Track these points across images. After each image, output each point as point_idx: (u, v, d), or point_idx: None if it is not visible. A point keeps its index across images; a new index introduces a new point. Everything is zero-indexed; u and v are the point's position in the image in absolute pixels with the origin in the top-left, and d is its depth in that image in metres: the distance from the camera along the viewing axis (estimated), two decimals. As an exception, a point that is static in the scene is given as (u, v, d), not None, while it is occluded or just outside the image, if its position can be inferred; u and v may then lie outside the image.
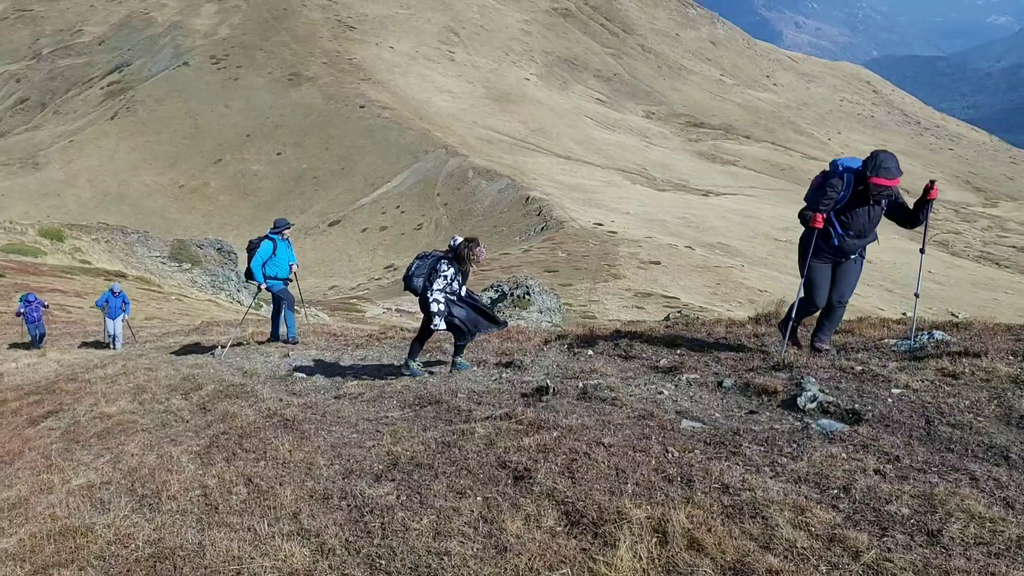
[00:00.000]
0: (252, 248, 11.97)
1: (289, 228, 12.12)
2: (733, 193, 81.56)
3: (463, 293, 8.29)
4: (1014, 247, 76.59)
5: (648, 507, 3.86)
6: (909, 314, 9.31)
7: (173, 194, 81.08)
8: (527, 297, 20.51)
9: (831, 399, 5.22)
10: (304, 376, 9.12)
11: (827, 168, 6.56)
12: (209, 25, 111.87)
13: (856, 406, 5.07)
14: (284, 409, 7.26)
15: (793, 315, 6.78)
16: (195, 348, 13.35)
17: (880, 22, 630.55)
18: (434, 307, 7.85)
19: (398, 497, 4.57)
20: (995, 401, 4.88)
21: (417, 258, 8.19)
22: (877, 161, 5.91)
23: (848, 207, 6.21)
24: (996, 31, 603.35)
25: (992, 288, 50.80)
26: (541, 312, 19.81)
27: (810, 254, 6.47)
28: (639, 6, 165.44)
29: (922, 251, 7.14)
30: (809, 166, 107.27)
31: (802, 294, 6.69)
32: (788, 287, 38.97)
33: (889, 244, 65.10)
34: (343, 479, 5.06)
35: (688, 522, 3.66)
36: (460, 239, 8.25)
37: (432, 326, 7.96)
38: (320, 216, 71.94)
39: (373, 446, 5.57)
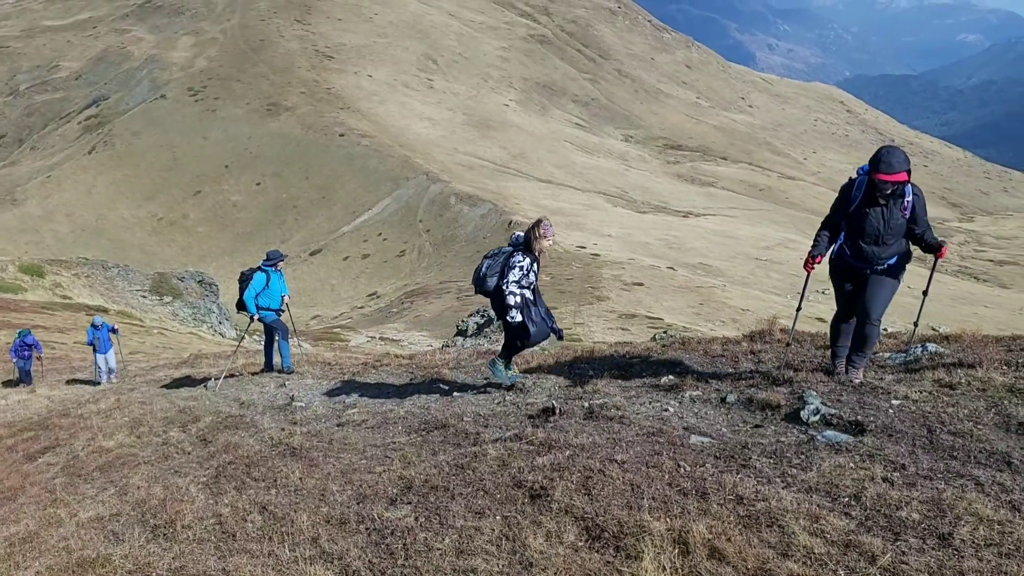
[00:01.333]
0: (244, 280, 12.00)
1: (282, 260, 12.17)
2: (712, 214, 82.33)
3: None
4: (991, 261, 77.73)
5: (667, 520, 3.95)
6: (892, 329, 9.61)
7: (152, 227, 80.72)
8: (515, 321, 20.57)
9: (834, 411, 5.35)
10: (303, 405, 9.14)
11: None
12: (186, 57, 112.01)
13: (859, 417, 5.21)
14: (288, 438, 7.29)
15: (830, 337, 6.66)
16: (186, 381, 13.32)
17: (851, 42, 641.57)
18: (511, 299, 7.36)
19: (416, 519, 4.63)
20: (993, 410, 5.03)
21: (486, 257, 7.71)
22: (878, 156, 5.73)
23: (859, 209, 5.94)
24: (966, 49, 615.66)
25: (972, 302, 51.49)
26: (530, 336, 19.86)
27: (831, 268, 6.31)
28: (614, 31, 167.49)
29: (925, 293, 6.99)
30: (786, 186, 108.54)
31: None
32: (770, 305, 39.31)
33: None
34: (358, 504, 5.11)
35: (708, 533, 3.76)
36: (522, 233, 7.77)
37: (508, 318, 7.41)
38: (301, 245, 71.80)
39: (384, 471, 5.63)
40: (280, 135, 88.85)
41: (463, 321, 21.84)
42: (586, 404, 6.40)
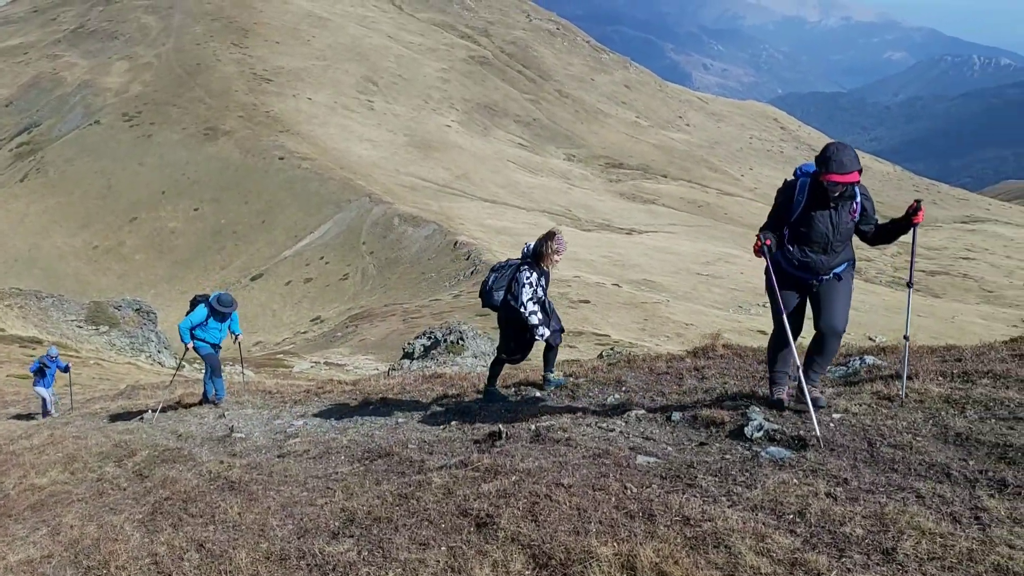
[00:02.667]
0: (193, 303, 11.82)
1: (231, 309, 11.71)
2: (654, 231, 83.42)
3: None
4: (923, 271, 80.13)
5: (614, 544, 3.91)
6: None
7: (87, 256, 78.55)
8: (461, 342, 20.47)
9: (776, 427, 5.39)
10: (243, 436, 8.92)
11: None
12: (120, 83, 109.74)
13: (801, 432, 5.24)
14: (227, 471, 7.09)
15: (770, 356, 5.89)
16: (123, 413, 12.93)
17: (783, 61, 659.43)
18: (533, 319, 7.38)
19: (359, 553, 4.51)
20: (931, 421, 5.11)
21: (492, 271, 7.69)
22: (827, 155, 5.11)
23: (804, 214, 5.34)
24: (892, 67, 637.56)
25: (905, 312, 52.93)
26: (476, 357, 19.76)
27: (774, 281, 5.55)
28: (554, 53, 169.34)
29: (909, 285, 6.14)
30: (724, 202, 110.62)
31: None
32: (713, 319, 39.91)
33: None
34: (299, 538, 4.96)
35: (655, 556, 3.72)
36: (533, 242, 7.75)
37: (538, 336, 7.46)
38: (241, 271, 70.58)
39: (326, 503, 5.48)
40: (218, 159, 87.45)
41: (409, 344, 21.61)
42: (532, 427, 6.34)
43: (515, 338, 7.74)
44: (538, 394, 7.92)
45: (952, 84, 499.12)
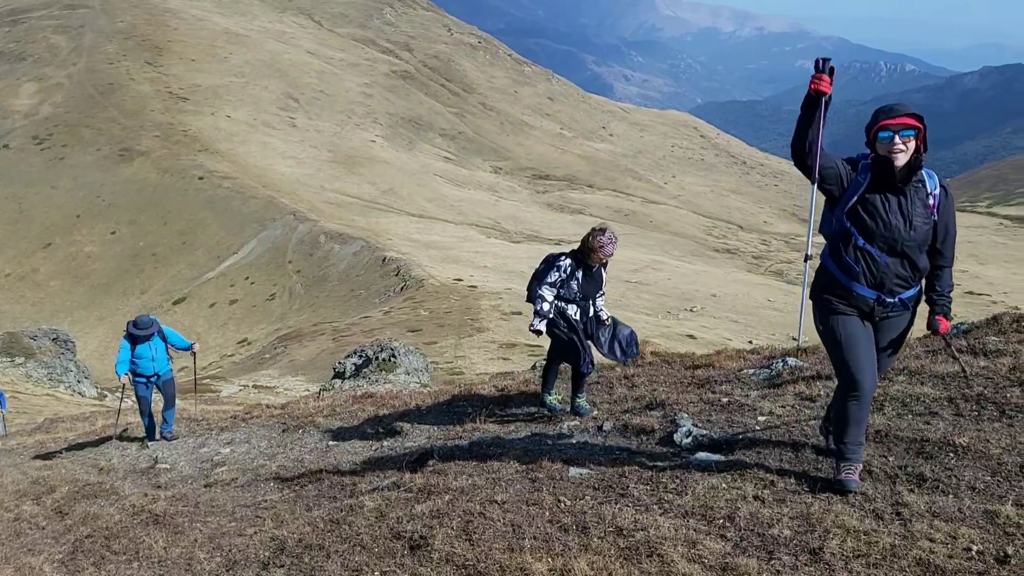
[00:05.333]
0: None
1: (148, 329, 10.52)
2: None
3: (593, 309, 6.65)
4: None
5: (548, 559, 3.89)
6: (756, 343, 9.98)
7: (-2, 284, 75.31)
8: (393, 360, 20.25)
9: (705, 432, 5.47)
10: (168, 467, 8.66)
11: None
12: (30, 105, 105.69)
13: (728, 436, 5.34)
14: (151, 504, 6.85)
15: (837, 423, 4.44)
16: (40, 448, 12.40)
17: (700, 71, 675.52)
18: (536, 303, 6.40)
19: (290, 583, 4.40)
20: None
21: (543, 261, 6.72)
22: (877, 110, 4.25)
23: (865, 199, 4.15)
24: (805, 74, 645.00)
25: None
26: (408, 373, 19.59)
27: (828, 304, 4.29)
28: (476, 66, 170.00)
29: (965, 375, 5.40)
30: (649, 210, 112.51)
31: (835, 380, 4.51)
32: (643, 326, 40.40)
33: (731, 277, 68.84)
34: (227, 571, 4.82)
35: (589, 569, 3.72)
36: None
37: (531, 325, 6.48)
38: (163, 295, 68.58)
39: (255, 533, 5.34)
40: (135, 181, 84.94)
41: (340, 363, 21.27)
42: (465, 443, 6.31)
43: (554, 340, 6.71)
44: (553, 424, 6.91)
45: (861, 90, 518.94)
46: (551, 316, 6.49)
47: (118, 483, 8.30)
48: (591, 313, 6.68)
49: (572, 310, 6.55)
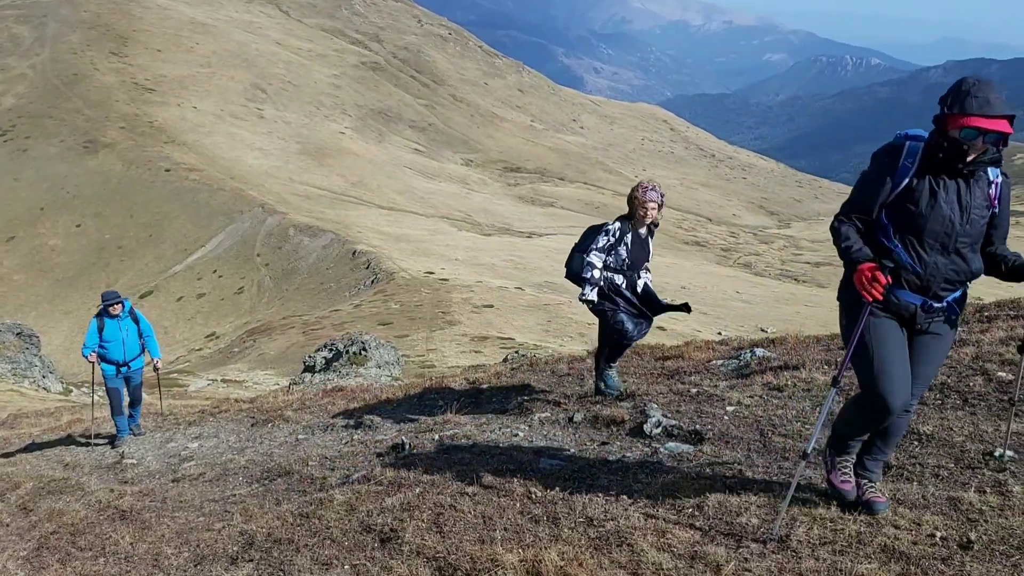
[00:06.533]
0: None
1: (116, 303, 9.87)
2: (554, 233, 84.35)
3: (639, 279, 6.22)
4: (808, 263, 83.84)
5: (519, 550, 3.90)
6: (725, 334, 10.09)
7: (-42, 278, 73.73)
8: (364, 353, 20.15)
9: (674, 422, 5.51)
10: (135, 462, 8.56)
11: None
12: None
13: (697, 427, 5.38)
14: (118, 500, 6.76)
15: (843, 430, 3.96)
16: (4, 445, 12.19)
17: (670, 64, 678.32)
18: (586, 271, 5.97)
19: (259, 578, 4.36)
20: (818, 408, 5.33)
21: (584, 233, 6.33)
22: (964, 89, 3.44)
23: (913, 189, 3.55)
24: (772, 68, 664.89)
25: (794, 303, 55.24)
26: (380, 367, 19.52)
27: (867, 319, 3.60)
28: (447, 58, 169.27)
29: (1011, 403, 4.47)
30: (620, 202, 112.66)
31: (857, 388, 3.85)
32: (614, 318, 40.58)
33: (700, 269, 69.34)
34: (195, 566, 4.77)
35: (560, 559, 3.73)
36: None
37: (581, 296, 6.04)
38: (129, 288, 67.57)
39: (223, 527, 5.29)
40: (100, 173, 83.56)
41: (310, 356, 21.13)
42: (436, 436, 6.30)
43: (601, 319, 6.30)
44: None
45: (828, 83, 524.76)
46: (601, 284, 6.06)
47: (84, 479, 8.19)
48: (639, 289, 6.26)
49: (619, 280, 6.13)
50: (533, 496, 4.60)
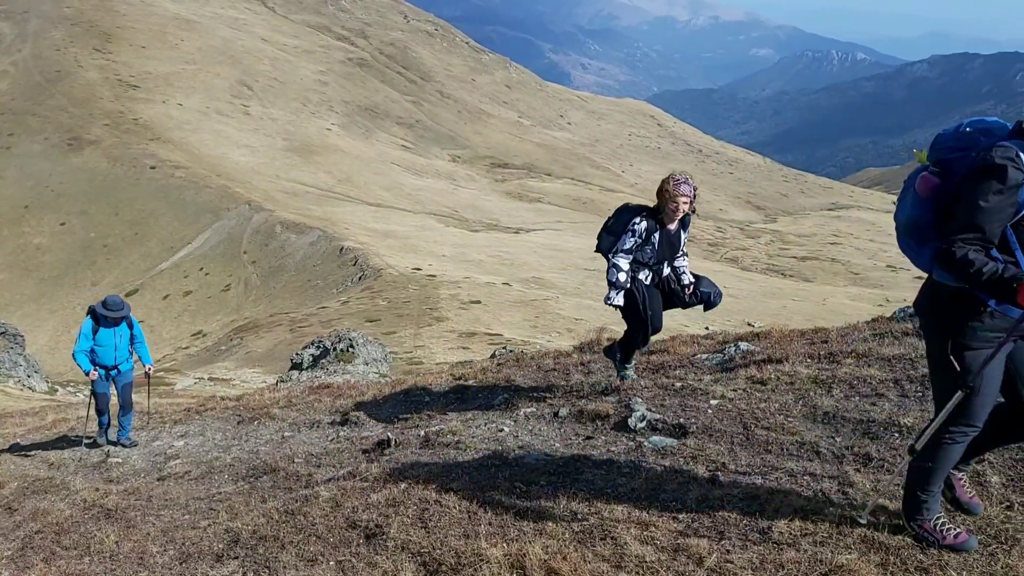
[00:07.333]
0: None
1: (120, 313, 9.34)
2: (541, 229, 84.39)
3: (666, 272, 6.17)
4: (795, 257, 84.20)
5: (504, 545, 3.92)
6: (711, 329, 10.18)
7: (-59, 277, 73.12)
8: (351, 350, 20.13)
9: (658, 416, 5.54)
10: (120, 461, 8.52)
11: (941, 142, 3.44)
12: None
13: (681, 420, 5.41)
14: (103, 499, 6.74)
15: (941, 452, 3.52)
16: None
17: (657, 60, 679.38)
18: (611, 273, 5.94)
19: (244, 574, 4.37)
20: (801, 402, 5.36)
21: (616, 211, 6.22)
22: None
23: None
24: (759, 63, 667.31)
25: (781, 297, 55.49)
26: (367, 364, 19.50)
27: (974, 334, 3.33)
28: (433, 54, 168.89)
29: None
30: (607, 198, 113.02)
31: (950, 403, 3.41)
32: (601, 314, 40.67)
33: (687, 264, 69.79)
34: (181, 564, 4.77)
35: (544, 553, 3.75)
36: None
37: (608, 300, 6.02)
38: (115, 287, 67.14)
39: (209, 525, 5.29)
40: (84, 170, 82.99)
41: (297, 354, 21.08)
42: (422, 432, 6.30)
43: (627, 313, 6.20)
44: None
45: (814, 78, 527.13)
46: (628, 287, 6.00)
47: (69, 478, 8.16)
48: (664, 275, 6.19)
49: (644, 274, 6.06)
50: (518, 491, 4.62)
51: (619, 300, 5.99)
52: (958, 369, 3.34)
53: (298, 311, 46.38)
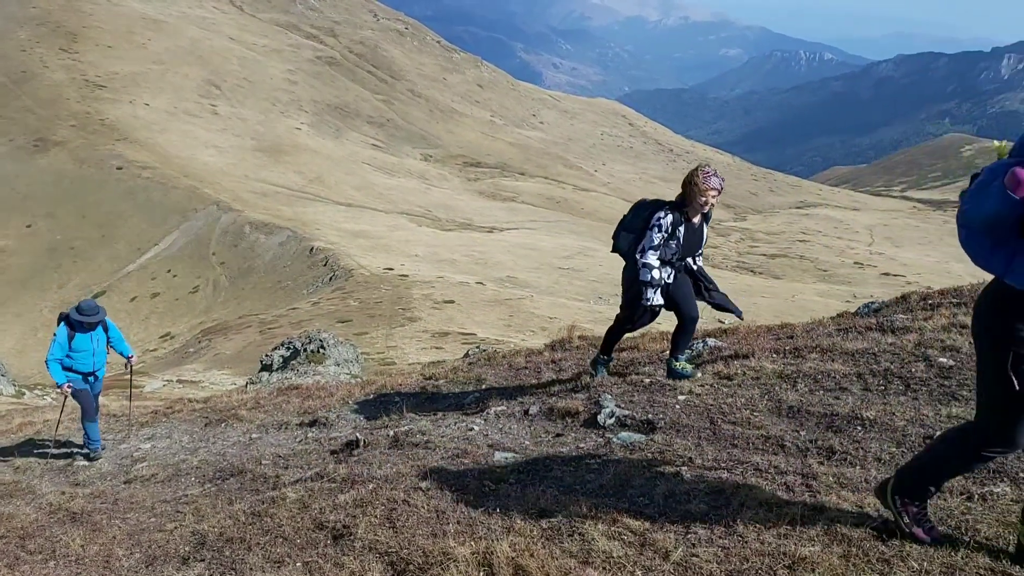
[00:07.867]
0: (59, 323, 9.61)
1: (95, 318, 8.88)
2: (515, 228, 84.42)
3: (694, 263, 6.09)
4: (764, 255, 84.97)
5: (472, 543, 3.91)
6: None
7: (-97, 281, 71.60)
8: (322, 351, 20.00)
9: (627, 413, 5.56)
10: (86, 464, 8.41)
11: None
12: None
13: (649, 416, 5.44)
14: (69, 502, 6.66)
15: (941, 471, 3.45)
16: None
17: (628, 60, 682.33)
18: (644, 274, 5.70)
19: (211, 577, 4.33)
20: (766, 396, 5.42)
21: (632, 208, 5.96)
22: None
23: None
24: (728, 63, 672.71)
25: (751, 294, 55.95)
26: (338, 365, 19.39)
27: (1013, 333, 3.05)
28: (404, 52, 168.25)
29: None
30: (580, 197, 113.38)
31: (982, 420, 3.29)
32: (575, 312, 40.78)
33: (659, 263, 70.11)
34: (147, 567, 4.72)
35: (511, 551, 3.75)
36: None
37: (643, 301, 5.79)
38: (82, 289, 66.22)
39: (175, 528, 5.24)
40: (51, 172, 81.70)
41: (267, 355, 20.90)
42: (391, 432, 6.28)
43: (625, 296, 6.12)
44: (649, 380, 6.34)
45: (782, 78, 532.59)
46: (663, 283, 5.82)
47: (35, 482, 8.04)
48: (687, 269, 6.10)
49: (665, 272, 5.87)
50: (486, 489, 4.62)
51: (659, 299, 5.80)
52: (1017, 387, 3.07)
53: (268, 312, 46.01)
